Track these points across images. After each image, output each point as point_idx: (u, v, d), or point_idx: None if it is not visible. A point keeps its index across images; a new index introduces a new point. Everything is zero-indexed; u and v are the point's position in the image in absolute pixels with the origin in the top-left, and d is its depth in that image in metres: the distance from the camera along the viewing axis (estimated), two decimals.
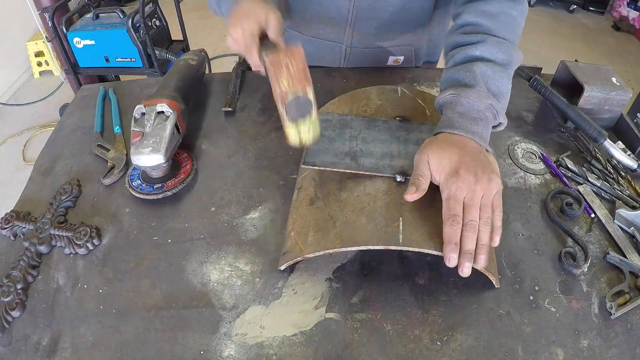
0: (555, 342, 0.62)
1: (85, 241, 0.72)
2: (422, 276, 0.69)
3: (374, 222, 0.64)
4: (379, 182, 0.70)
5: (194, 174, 0.84)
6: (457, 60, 0.74)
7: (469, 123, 0.68)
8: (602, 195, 0.80)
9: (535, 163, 0.86)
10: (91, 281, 0.70)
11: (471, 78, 0.70)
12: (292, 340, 0.62)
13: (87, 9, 2.41)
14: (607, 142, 0.85)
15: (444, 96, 0.71)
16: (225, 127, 0.96)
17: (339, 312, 0.65)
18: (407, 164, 0.71)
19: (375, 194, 0.68)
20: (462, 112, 0.69)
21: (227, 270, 0.70)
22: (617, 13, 4.02)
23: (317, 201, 0.71)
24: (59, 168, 0.88)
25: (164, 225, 0.76)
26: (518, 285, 0.68)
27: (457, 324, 0.64)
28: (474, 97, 0.68)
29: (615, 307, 0.64)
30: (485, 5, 0.76)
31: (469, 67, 0.71)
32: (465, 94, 0.69)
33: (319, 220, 0.68)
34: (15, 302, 0.66)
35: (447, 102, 0.71)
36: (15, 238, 0.76)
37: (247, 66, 1.10)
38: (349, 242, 0.63)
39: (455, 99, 0.70)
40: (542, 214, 0.78)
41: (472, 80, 0.70)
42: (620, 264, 0.69)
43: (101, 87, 1.05)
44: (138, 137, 0.77)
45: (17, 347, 0.63)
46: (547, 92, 0.92)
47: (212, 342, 0.62)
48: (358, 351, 0.61)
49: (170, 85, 0.87)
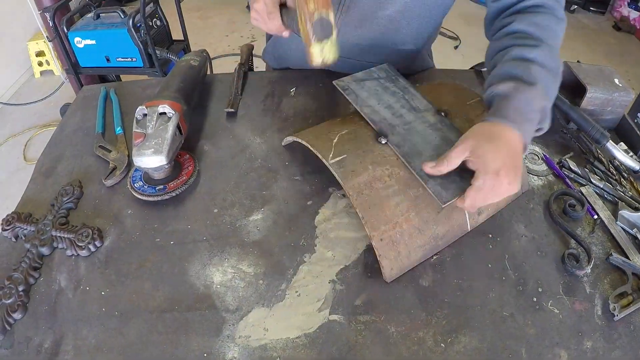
0: (558, 344, 0.62)
1: (87, 243, 0.72)
2: (426, 278, 0.69)
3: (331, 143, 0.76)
4: (371, 129, 0.79)
5: (196, 175, 0.83)
6: (512, 56, 0.74)
7: (523, 120, 0.67)
8: (605, 196, 0.80)
9: (538, 164, 0.86)
10: (93, 283, 0.69)
11: (532, 76, 0.70)
12: (295, 342, 0.62)
13: (87, 8, 2.41)
14: (609, 143, 0.85)
15: (503, 87, 0.70)
16: (227, 128, 0.95)
17: (342, 314, 0.65)
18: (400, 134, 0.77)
19: (358, 131, 0.79)
20: (518, 107, 0.68)
21: (230, 272, 0.70)
22: (617, 13, 4.02)
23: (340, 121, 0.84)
24: (60, 169, 0.88)
25: (166, 227, 0.76)
26: (521, 287, 0.68)
27: (461, 326, 0.64)
28: (533, 95, 0.68)
29: (618, 309, 0.64)
30: (535, 18, 0.78)
31: (527, 65, 0.71)
32: (526, 90, 0.68)
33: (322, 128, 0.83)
34: (17, 304, 0.66)
35: (504, 94, 0.70)
36: (16, 239, 0.76)
37: (250, 67, 1.09)
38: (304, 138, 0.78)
39: (514, 93, 0.69)
40: (545, 215, 0.77)
41: (532, 78, 0.70)
42: (623, 266, 0.69)
43: (102, 87, 1.05)
44: (140, 138, 0.77)
45: (19, 349, 0.63)
46: None
47: (215, 344, 0.62)
48: (362, 353, 0.61)
49: (172, 86, 0.87)
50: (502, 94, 0.70)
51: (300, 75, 1.08)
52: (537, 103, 0.68)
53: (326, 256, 0.71)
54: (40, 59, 3.25)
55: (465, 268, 0.70)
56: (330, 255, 0.71)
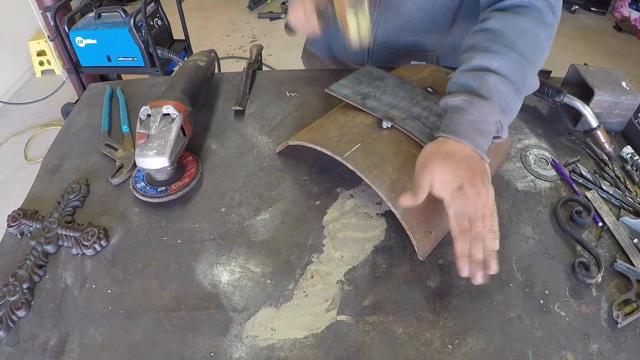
0: (565, 347, 0.62)
1: (92, 242, 0.72)
2: (433, 279, 0.69)
3: (340, 137, 0.77)
4: (369, 118, 0.81)
5: (199, 177, 0.83)
6: (472, 65, 0.72)
7: (475, 134, 0.67)
8: (612, 202, 0.80)
9: (548, 170, 0.86)
10: (100, 281, 0.69)
11: (486, 89, 0.69)
12: (303, 342, 0.62)
13: (89, 8, 2.41)
14: (567, 96, 0.89)
15: (455, 100, 0.70)
16: (235, 127, 0.95)
17: (350, 314, 0.65)
18: (400, 116, 0.81)
19: (358, 123, 0.81)
20: (471, 121, 0.67)
21: (237, 272, 0.70)
22: (618, 13, 4.03)
23: (327, 116, 0.87)
24: (66, 167, 0.88)
25: (173, 226, 0.76)
26: (529, 289, 0.68)
27: (468, 328, 0.64)
28: (486, 110, 0.67)
29: (622, 316, 0.64)
30: (516, 19, 0.73)
31: (483, 76, 0.69)
32: (479, 104, 0.67)
33: (314, 125, 0.85)
34: (21, 302, 0.66)
35: (457, 106, 0.70)
36: (22, 236, 0.76)
37: (258, 66, 1.10)
38: (312, 141, 0.78)
39: (467, 106, 0.68)
40: (552, 218, 0.77)
41: (487, 92, 0.68)
42: (627, 272, 0.69)
43: (108, 86, 1.05)
44: (143, 139, 0.76)
45: (24, 347, 0.62)
46: None
47: (222, 344, 0.62)
48: (369, 354, 0.61)
49: (178, 86, 0.86)
50: (456, 107, 0.70)
51: (307, 75, 1.09)
52: (490, 116, 0.67)
53: (334, 256, 0.71)
54: (41, 58, 3.25)
55: None
56: (338, 255, 0.71)
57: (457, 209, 0.64)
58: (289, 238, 0.74)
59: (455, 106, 0.70)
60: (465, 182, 0.63)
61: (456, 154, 0.65)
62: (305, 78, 1.07)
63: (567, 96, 0.91)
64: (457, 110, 0.69)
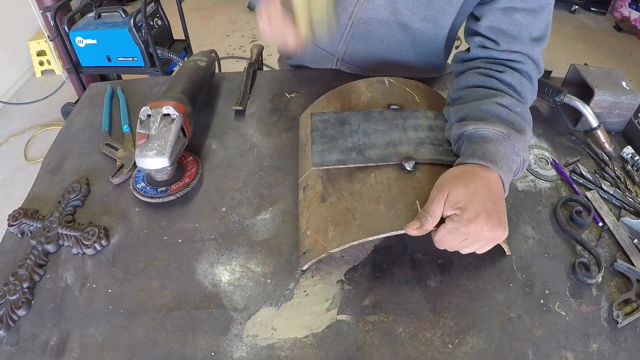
0: (565, 346, 0.62)
1: (93, 242, 0.72)
2: (434, 279, 0.69)
3: (394, 209, 0.65)
4: (388, 170, 0.71)
5: (199, 177, 0.83)
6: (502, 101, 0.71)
7: (507, 168, 0.65)
8: (613, 202, 0.80)
9: (548, 170, 0.86)
10: (100, 281, 0.69)
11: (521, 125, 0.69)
12: (303, 342, 0.62)
13: (89, 8, 2.41)
14: (567, 96, 0.89)
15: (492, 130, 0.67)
16: (235, 126, 0.95)
17: (350, 314, 0.65)
18: (411, 149, 0.72)
19: (387, 182, 0.69)
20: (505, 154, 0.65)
21: (238, 271, 0.70)
22: (618, 14, 4.03)
23: (329, 197, 0.72)
24: (67, 166, 0.88)
25: (174, 225, 0.76)
26: (529, 288, 0.68)
27: (469, 327, 0.64)
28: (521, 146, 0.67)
29: (622, 316, 0.64)
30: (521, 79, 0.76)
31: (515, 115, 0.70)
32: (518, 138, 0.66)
33: (336, 214, 0.68)
34: (21, 301, 0.66)
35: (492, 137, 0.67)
36: (22, 236, 0.76)
37: (259, 66, 1.10)
38: (373, 231, 0.63)
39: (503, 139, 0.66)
40: (552, 217, 0.77)
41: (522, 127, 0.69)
42: (627, 272, 0.69)
43: (109, 85, 1.05)
44: (143, 139, 0.76)
45: (24, 346, 0.62)
46: None
47: (222, 343, 0.62)
48: (370, 353, 0.61)
49: (178, 87, 0.86)
50: (489, 137, 0.67)
51: (307, 75, 1.09)
52: (523, 153, 0.67)
53: (335, 256, 0.71)
54: (41, 58, 3.25)
55: (472, 269, 0.70)
56: (339, 255, 0.71)
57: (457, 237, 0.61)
58: (290, 238, 0.74)
59: (490, 136, 0.67)
60: (482, 214, 0.60)
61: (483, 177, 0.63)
62: (306, 78, 1.07)
63: (567, 96, 0.91)
64: (489, 140, 0.66)
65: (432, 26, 0.92)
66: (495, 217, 0.60)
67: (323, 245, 0.66)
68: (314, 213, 0.72)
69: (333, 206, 0.70)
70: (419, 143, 0.73)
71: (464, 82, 0.77)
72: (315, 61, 1.10)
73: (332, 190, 0.72)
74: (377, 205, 0.66)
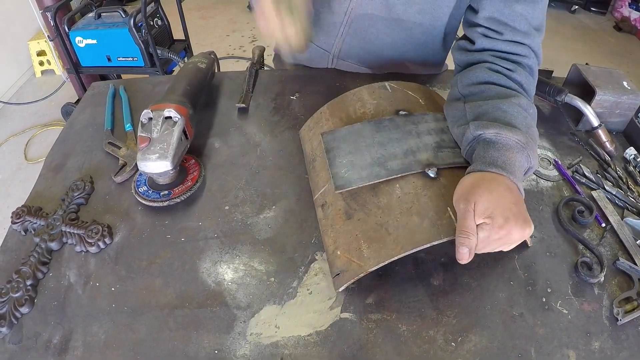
0: (567, 344, 0.62)
1: (96, 240, 0.72)
2: (437, 277, 0.69)
3: (427, 219, 0.64)
4: (412, 179, 0.69)
5: (201, 181, 0.82)
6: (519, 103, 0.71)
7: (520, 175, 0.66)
8: (616, 202, 0.80)
9: (550, 170, 0.86)
10: (103, 279, 0.69)
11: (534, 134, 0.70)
12: (307, 340, 0.62)
13: (89, 8, 2.42)
14: (568, 96, 0.89)
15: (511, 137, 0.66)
16: (238, 125, 0.95)
17: (354, 312, 0.65)
18: (430, 155, 0.71)
19: (415, 191, 0.67)
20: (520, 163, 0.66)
21: (241, 270, 0.70)
22: (618, 14, 4.04)
23: (355, 213, 0.69)
24: (70, 165, 0.88)
25: (177, 224, 0.76)
26: (531, 287, 0.68)
27: (471, 325, 0.64)
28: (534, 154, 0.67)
29: (622, 314, 0.64)
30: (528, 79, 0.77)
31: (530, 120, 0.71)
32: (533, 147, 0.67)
33: (367, 231, 0.66)
34: (24, 299, 0.66)
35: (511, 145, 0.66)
36: (26, 233, 0.76)
37: (261, 65, 1.10)
38: (410, 245, 0.62)
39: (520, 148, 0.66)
40: (554, 217, 0.78)
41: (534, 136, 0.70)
42: (629, 271, 0.69)
43: (111, 84, 1.05)
44: (145, 142, 0.75)
45: (27, 344, 0.62)
46: None
47: (226, 341, 0.62)
48: (373, 351, 0.61)
49: (179, 89, 0.86)
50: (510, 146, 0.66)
51: (310, 74, 1.09)
52: (533, 160, 0.67)
53: None
54: (41, 58, 3.25)
55: (475, 267, 0.70)
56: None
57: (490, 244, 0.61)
58: (293, 236, 0.74)
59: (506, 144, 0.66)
60: (511, 217, 0.60)
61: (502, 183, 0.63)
62: (307, 77, 1.07)
63: (569, 96, 0.91)
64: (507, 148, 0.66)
65: (429, 18, 0.93)
66: (521, 217, 0.61)
67: (359, 264, 0.64)
68: (340, 231, 0.69)
69: (362, 222, 0.67)
70: (437, 148, 0.72)
71: (474, 77, 0.77)
72: (311, 58, 1.11)
73: (357, 206, 0.69)
74: (409, 217, 0.64)
